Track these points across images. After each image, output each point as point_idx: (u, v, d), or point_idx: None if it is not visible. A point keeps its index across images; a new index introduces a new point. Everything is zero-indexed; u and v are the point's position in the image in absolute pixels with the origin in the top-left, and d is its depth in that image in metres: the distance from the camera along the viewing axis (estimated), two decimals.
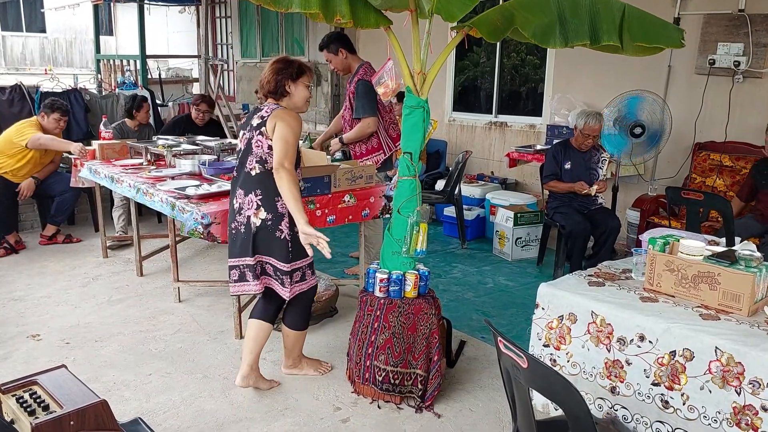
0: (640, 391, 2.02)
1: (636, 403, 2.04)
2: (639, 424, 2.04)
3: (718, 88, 4.91)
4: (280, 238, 2.74)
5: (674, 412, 1.94)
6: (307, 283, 2.88)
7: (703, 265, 2.13)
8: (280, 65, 2.75)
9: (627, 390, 2.06)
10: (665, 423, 1.97)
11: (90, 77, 10.56)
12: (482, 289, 4.43)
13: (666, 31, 2.84)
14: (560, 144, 4.67)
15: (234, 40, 9.98)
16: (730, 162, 4.83)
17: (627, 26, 2.67)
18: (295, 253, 2.76)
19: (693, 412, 1.90)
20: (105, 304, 4.02)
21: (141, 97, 5.48)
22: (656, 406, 1.98)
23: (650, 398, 2.00)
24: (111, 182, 4.11)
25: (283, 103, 2.78)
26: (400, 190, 2.78)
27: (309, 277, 2.88)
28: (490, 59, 6.75)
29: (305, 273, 2.86)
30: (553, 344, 2.26)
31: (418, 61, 2.67)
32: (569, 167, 4.51)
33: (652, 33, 2.76)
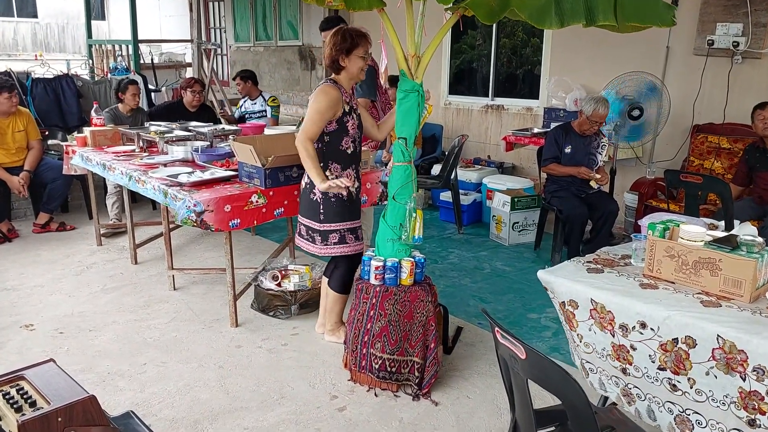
0: (648, 374, 2.00)
1: (646, 384, 2.02)
2: (652, 403, 2.03)
3: (716, 70, 4.85)
4: (313, 200, 2.99)
5: (683, 395, 1.93)
6: (348, 247, 3.05)
7: (703, 251, 2.09)
8: (336, 39, 2.85)
9: (636, 372, 2.04)
10: (675, 404, 1.96)
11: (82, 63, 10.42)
12: (479, 274, 4.40)
13: (657, 9, 2.78)
14: (561, 127, 4.61)
15: (227, 24, 9.85)
16: (728, 144, 4.79)
17: (620, 4, 2.60)
18: (328, 215, 2.98)
19: (701, 396, 1.88)
20: (99, 292, 3.98)
21: (127, 80, 5.38)
22: (665, 389, 1.97)
23: (658, 381, 1.98)
24: (103, 170, 4.05)
25: (341, 76, 2.92)
26: (395, 176, 2.73)
27: (351, 241, 3.05)
28: (486, 42, 6.67)
29: (345, 236, 3.03)
30: (567, 324, 2.24)
31: (412, 44, 2.61)
32: (569, 151, 4.46)
33: (645, 12, 2.70)
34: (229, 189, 3.27)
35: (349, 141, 2.98)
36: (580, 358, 2.27)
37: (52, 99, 6.33)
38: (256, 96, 5.92)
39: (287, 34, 8.81)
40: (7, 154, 5.04)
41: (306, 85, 8.58)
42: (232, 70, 9.87)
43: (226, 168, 3.66)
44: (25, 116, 5.18)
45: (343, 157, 2.96)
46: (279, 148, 3.58)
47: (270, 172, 3.26)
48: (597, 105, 4.30)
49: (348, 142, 2.97)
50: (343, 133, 2.94)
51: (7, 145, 5.03)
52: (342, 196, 2.93)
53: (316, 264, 3.93)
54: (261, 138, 3.83)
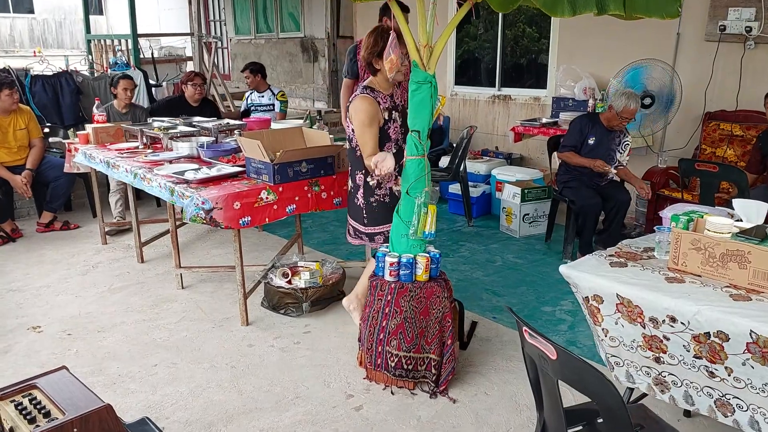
0: (684, 361, 1.95)
1: (683, 370, 1.97)
2: (689, 388, 1.98)
3: (728, 55, 4.77)
4: (357, 204, 3.07)
5: (721, 381, 1.88)
6: None
7: (731, 243, 2.03)
8: (369, 41, 2.88)
9: (671, 360, 1.99)
10: (714, 389, 1.92)
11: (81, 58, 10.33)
12: (491, 267, 4.34)
13: (662, 0, 2.73)
14: (588, 117, 4.48)
15: (227, 17, 9.75)
16: (740, 132, 4.71)
17: None
18: (371, 219, 3.05)
19: (740, 383, 1.84)
20: (106, 292, 3.93)
21: (120, 75, 5.29)
22: (703, 375, 1.92)
23: (696, 368, 1.93)
24: (107, 167, 3.99)
25: (378, 78, 2.92)
26: (409, 170, 2.66)
27: None
28: (488, 31, 6.57)
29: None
30: (591, 319, 2.19)
31: (424, 34, 2.54)
32: (593, 143, 4.32)
33: (651, 3, 2.65)
34: (237, 185, 3.20)
35: (392, 145, 2.95)
36: (605, 352, 2.22)
37: (51, 96, 6.25)
38: (264, 89, 5.85)
39: (289, 25, 8.71)
40: (8, 152, 4.98)
41: (309, 77, 8.49)
42: (233, 63, 9.79)
43: (233, 164, 3.59)
44: (26, 114, 5.11)
45: None
46: (287, 143, 3.52)
47: (279, 167, 3.19)
48: (628, 101, 4.14)
49: (390, 146, 2.95)
50: (385, 139, 2.94)
51: (9, 143, 4.97)
52: (384, 200, 3.00)
53: (327, 260, 3.87)
54: (268, 133, 3.76)
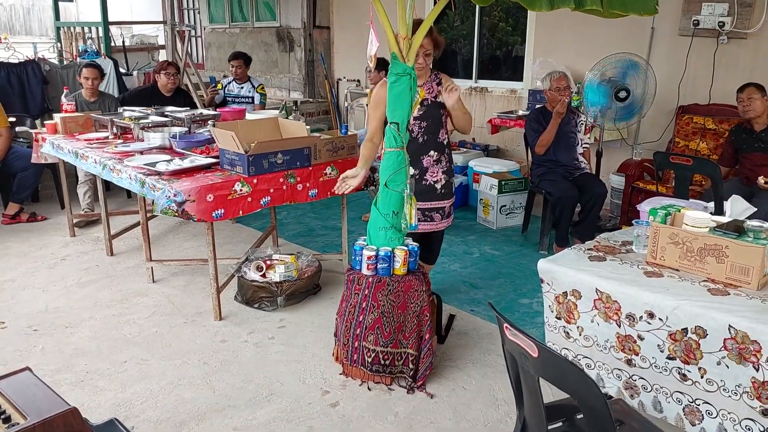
0: (656, 363, 1.95)
1: (654, 374, 1.97)
2: (659, 393, 1.97)
3: (702, 50, 4.81)
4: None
5: (693, 384, 1.88)
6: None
7: (709, 238, 2.03)
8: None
9: (643, 363, 1.98)
10: (685, 394, 1.91)
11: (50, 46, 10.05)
12: (468, 259, 4.33)
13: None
14: (537, 110, 4.61)
15: (201, 5, 9.55)
16: (713, 125, 4.76)
17: None
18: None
19: (712, 385, 1.83)
20: (74, 286, 3.82)
21: (84, 63, 5.13)
22: (674, 378, 1.91)
23: (667, 371, 1.92)
24: (75, 158, 3.87)
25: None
26: (388, 163, 2.62)
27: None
28: (465, 23, 6.54)
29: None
30: (563, 317, 2.17)
31: (403, 26, 2.49)
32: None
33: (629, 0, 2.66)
34: (210, 177, 3.12)
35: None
36: (576, 353, 2.21)
37: (17, 85, 6.06)
38: (245, 81, 5.73)
39: (264, 15, 8.57)
40: None
41: (284, 67, 8.37)
42: (206, 52, 9.61)
43: (206, 155, 3.51)
44: None
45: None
46: (262, 134, 3.45)
47: (253, 158, 3.12)
48: (551, 74, 4.42)
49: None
50: None
51: None
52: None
53: (302, 253, 3.81)
54: (243, 123, 3.68)
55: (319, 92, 8.13)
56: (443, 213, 3.21)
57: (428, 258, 3.37)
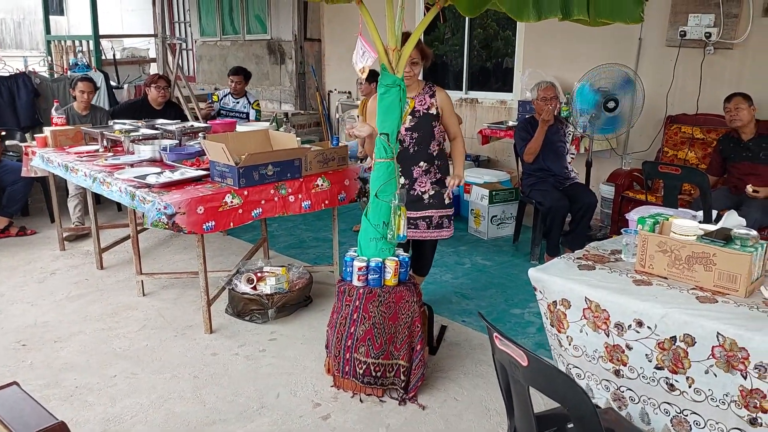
0: (644, 374, 1.95)
1: (641, 385, 1.97)
2: (647, 405, 1.97)
3: (689, 60, 4.86)
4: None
5: (681, 395, 1.88)
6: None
7: (697, 246, 2.04)
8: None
9: (631, 373, 1.98)
10: (672, 405, 1.91)
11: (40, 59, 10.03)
12: (460, 269, 4.33)
13: (626, 5, 2.78)
14: (526, 119, 4.66)
15: (192, 18, 9.58)
16: (701, 134, 4.80)
17: (593, 0, 2.59)
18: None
19: (700, 395, 1.83)
20: (64, 300, 3.79)
21: (78, 77, 5.13)
22: (662, 389, 1.91)
23: (655, 381, 1.92)
24: (65, 171, 3.85)
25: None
26: (378, 173, 2.63)
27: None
28: (455, 35, 6.60)
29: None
30: (555, 326, 2.17)
31: (393, 38, 2.51)
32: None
33: (615, 7, 2.70)
34: (201, 189, 3.12)
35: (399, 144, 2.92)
36: (567, 363, 2.21)
37: (7, 98, 6.04)
38: (242, 95, 5.75)
39: (255, 27, 8.60)
40: None
41: (275, 79, 8.40)
42: (197, 65, 9.62)
43: (196, 167, 3.50)
44: None
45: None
46: (253, 146, 3.46)
47: (244, 170, 3.12)
48: (539, 84, 4.47)
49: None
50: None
51: None
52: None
53: (293, 265, 3.81)
54: (233, 135, 3.68)
55: (311, 104, 8.15)
56: (429, 222, 3.21)
57: (420, 269, 3.37)
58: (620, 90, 4.67)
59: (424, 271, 3.43)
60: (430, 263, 3.43)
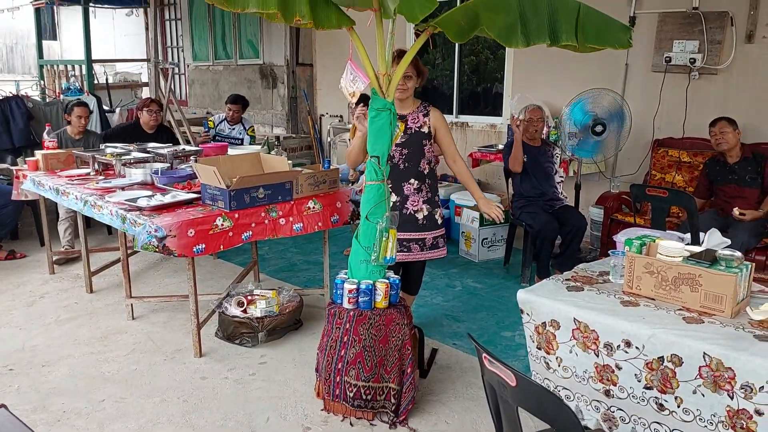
0: (634, 394, 1.95)
1: (631, 405, 1.97)
2: (637, 425, 1.98)
3: (674, 85, 4.96)
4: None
5: (670, 414, 1.88)
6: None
7: (683, 267, 2.07)
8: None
9: (621, 393, 1.99)
10: (662, 424, 1.91)
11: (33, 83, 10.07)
12: (451, 292, 4.34)
13: (615, 31, 2.85)
14: (511, 142, 4.67)
15: (185, 43, 9.67)
16: (688, 158, 4.87)
17: (581, 26, 2.66)
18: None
19: (688, 415, 1.84)
20: (52, 324, 3.76)
21: (74, 102, 5.16)
22: (651, 408, 1.92)
23: (645, 401, 1.93)
24: (56, 194, 3.85)
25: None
26: (368, 195, 2.65)
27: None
28: (446, 60, 6.69)
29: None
30: (543, 348, 2.18)
31: (383, 63, 2.55)
32: (527, 160, 4.54)
33: (604, 34, 2.77)
34: (192, 212, 3.13)
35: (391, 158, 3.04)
36: (555, 385, 2.22)
37: (1, 120, 6.04)
38: (237, 122, 5.79)
39: (247, 52, 8.68)
40: None
41: (267, 103, 8.46)
42: (190, 89, 9.68)
43: (188, 190, 3.51)
44: None
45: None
46: (244, 169, 3.47)
47: (235, 193, 3.14)
48: (526, 107, 4.65)
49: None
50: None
51: None
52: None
53: (284, 288, 3.80)
54: (225, 159, 3.71)
55: (302, 128, 8.20)
56: (423, 244, 3.22)
57: (409, 288, 3.37)
58: (608, 115, 4.75)
59: (414, 290, 3.43)
60: (420, 282, 3.44)
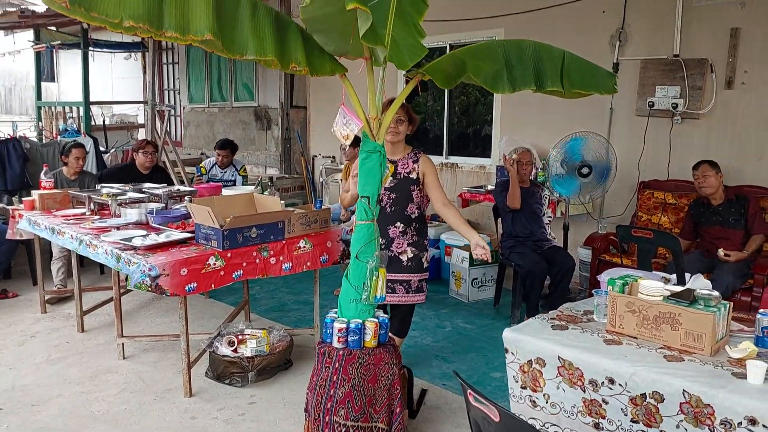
0: (622, 426, 1.99)
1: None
2: None
3: (658, 129, 5.10)
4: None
5: None
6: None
7: (663, 306, 2.13)
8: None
9: (610, 425, 2.02)
10: None
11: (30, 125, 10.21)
12: (441, 333, 4.36)
13: (600, 77, 2.99)
14: (503, 181, 4.85)
15: (181, 86, 9.86)
16: (673, 199, 4.97)
17: (566, 73, 2.79)
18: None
19: None
20: (43, 363, 3.75)
21: (72, 143, 5.26)
22: None
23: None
24: (52, 234, 3.90)
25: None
26: (359, 235, 2.71)
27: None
28: (437, 102, 6.87)
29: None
30: (529, 386, 2.21)
31: (374, 107, 2.65)
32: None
33: (589, 80, 2.91)
34: (185, 251, 3.18)
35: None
36: (543, 422, 2.24)
37: None
38: (228, 165, 5.88)
39: (243, 95, 8.87)
40: None
41: (261, 144, 8.59)
42: (185, 130, 9.82)
43: (182, 230, 3.57)
44: None
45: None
46: (237, 209, 3.54)
47: (228, 233, 3.19)
48: (516, 149, 4.81)
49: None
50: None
51: None
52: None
53: (274, 327, 3.82)
54: (218, 199, 3.78)
55: (295, 168, 8.32)
56: (408, 287, 3.26)
57: (398, 331, 3.40)
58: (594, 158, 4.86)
59: (403, 333, 3.46)
60: (409, 325, 3.47)
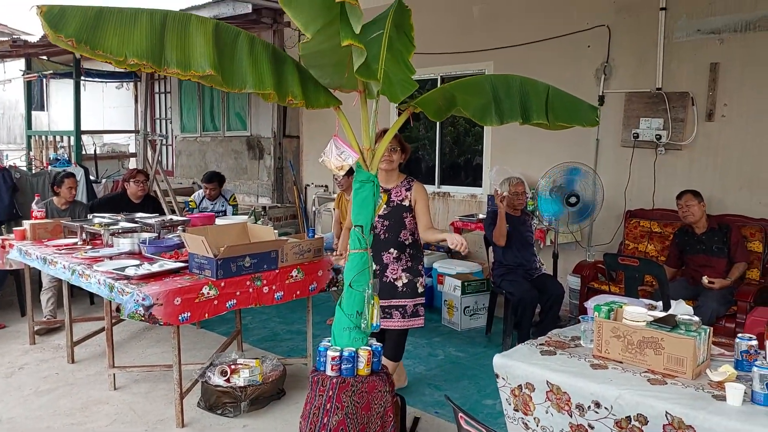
0: None
1: None
2: None
3: (643, 160, 5.23)
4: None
5: None
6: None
7: (646, 331, 2.19)
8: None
9: None
10: None
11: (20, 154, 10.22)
12: (433, 361, 4.39)
13: (583, 111, 3.14)
14: (493, 212, 4.88)
15: (173, 115, 9.95)
16: (659, 228, 5.07)
17: (551, 106, 2.93)
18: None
19: None
20: (32, 395, 3.73)
21: (64, 173, 5.30)
22: None
23: None
24: (43, 264, 3.91)
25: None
26: (352, 263, 2.76)
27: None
28: (428, 132, 6.99)
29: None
30: (521, 409, 2.26)
31: (367, 138, 2.74)
32: (509, 229, 4.68)
33: (572, 113, 3.06)
34: (179, 281, 3.21)
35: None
36: None
37: None
38: (216, 197, 5.90)
39: (235, 124, 8.96)
40: None
41: (254, 173, 8.66)
42: (177, 159, 9.88)
43: (175, 259, 3.60)
44: None
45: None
46: (230, 238, 3.58)
47: (222, 262, 3.23)
48: (509, 180, 4.94)
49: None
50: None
51: None
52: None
53: (267, 357, 3.84)
54: (212, 228, 3.82)
55: (288, 197, 8.38)
56: (403, 311, 3.33)
57: (392, 355, 3.44)
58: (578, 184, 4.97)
59: (398, 357, 3.50)
60: (403, 349, 3.51)
